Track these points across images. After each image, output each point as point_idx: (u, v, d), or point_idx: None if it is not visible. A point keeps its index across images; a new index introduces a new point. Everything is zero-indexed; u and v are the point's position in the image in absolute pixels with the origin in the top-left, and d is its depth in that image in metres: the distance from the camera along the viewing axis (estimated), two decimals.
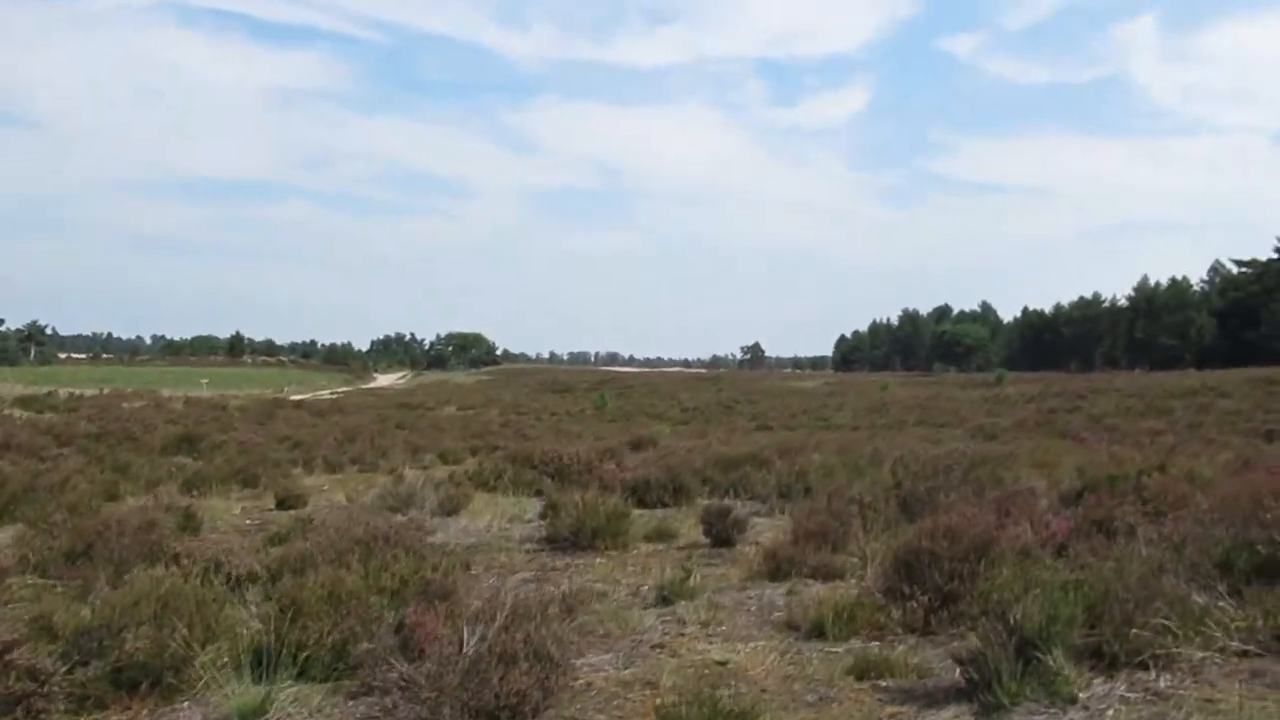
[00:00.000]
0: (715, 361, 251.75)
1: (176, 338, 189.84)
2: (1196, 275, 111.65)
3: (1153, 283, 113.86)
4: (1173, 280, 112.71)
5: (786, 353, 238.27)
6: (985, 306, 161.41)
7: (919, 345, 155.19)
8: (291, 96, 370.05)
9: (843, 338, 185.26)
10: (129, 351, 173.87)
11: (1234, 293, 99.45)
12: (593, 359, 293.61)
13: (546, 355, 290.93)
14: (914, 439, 22.91)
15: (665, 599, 6.66)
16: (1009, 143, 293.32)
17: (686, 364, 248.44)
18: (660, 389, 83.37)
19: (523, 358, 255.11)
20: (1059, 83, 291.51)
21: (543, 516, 9.96)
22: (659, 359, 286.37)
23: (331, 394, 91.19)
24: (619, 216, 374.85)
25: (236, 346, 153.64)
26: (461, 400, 76.24)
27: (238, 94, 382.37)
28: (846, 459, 13.55)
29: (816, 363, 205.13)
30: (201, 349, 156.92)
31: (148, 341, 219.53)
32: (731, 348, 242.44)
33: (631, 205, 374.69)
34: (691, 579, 6.90)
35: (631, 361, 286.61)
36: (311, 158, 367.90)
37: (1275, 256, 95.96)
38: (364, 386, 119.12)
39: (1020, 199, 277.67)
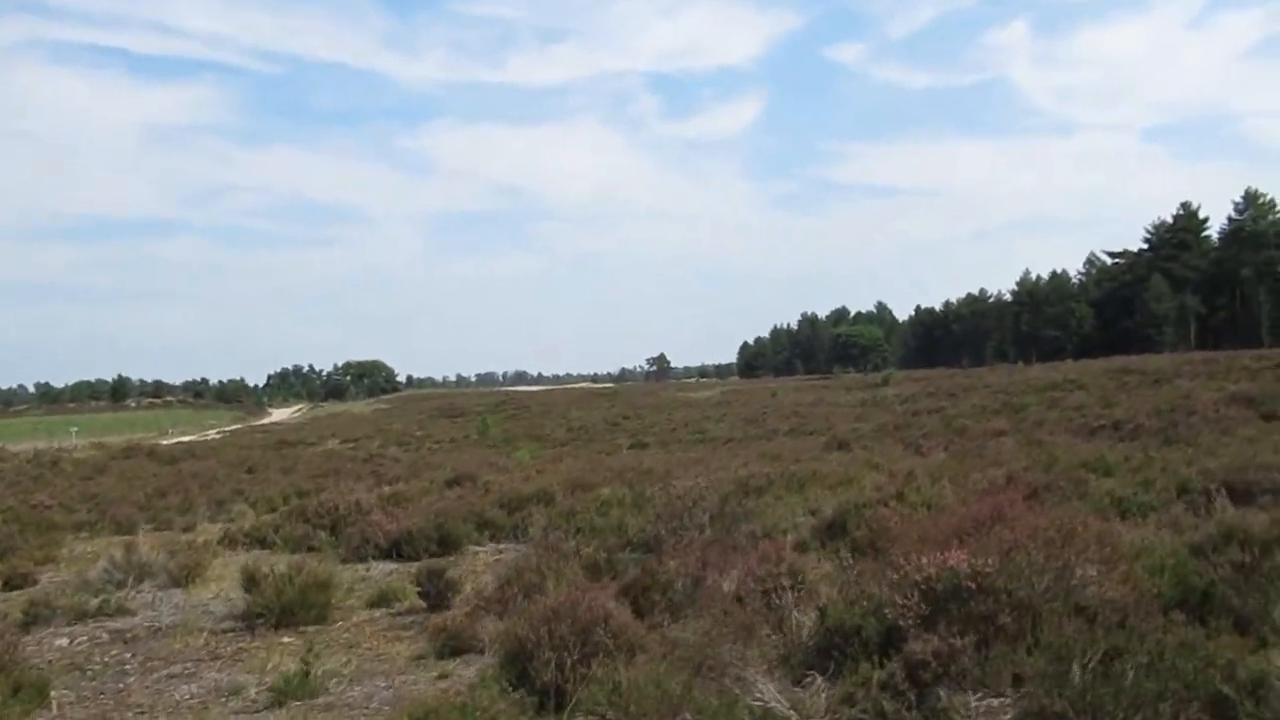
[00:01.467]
0: (623, 375, 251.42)
1: (61, 385, 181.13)
2: (1075, 268, 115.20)
3: (1034, 277, 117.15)
4: (1053, 274, 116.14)
5: (694, 361, 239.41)
6: (881, 307, 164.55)
7: (818, 348, 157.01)
8: (176, 131, 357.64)
9: (746, 344, 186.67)
10: (5, 402, 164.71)
11: (1109, 283, 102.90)
12: (500, 379, 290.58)
13: (454, 378, 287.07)
14: (754, 456, 22.47)
15: (280, 700, 5.76)
16: (900, 146, 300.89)
17: (594, 379, 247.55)
18: (554, 408, 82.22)
19: (428, 383, 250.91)
20: (943, 87, 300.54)
21: (246, 589, 8.95)
22: (567, 375, 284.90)
23: (218, 434, 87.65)
24: (521, 236, 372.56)
25: (120, 390, 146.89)
26: (349, 432, 73.79)
27: (119, 131, 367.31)
28: (637, 491, 12.81)
29: (722, 370, 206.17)
30: (82, 395, 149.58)
31: (30, 390, 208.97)
32: (639, 360, 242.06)
33: (533, 224, 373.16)
34: (313, 672, 5.99)
35: (539, 379, 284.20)
36: (200, 192, 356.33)
37: (1145, 248, 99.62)
38: (256, 423, 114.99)
39: (912, 201, 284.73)
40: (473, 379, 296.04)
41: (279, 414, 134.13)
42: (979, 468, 13.81)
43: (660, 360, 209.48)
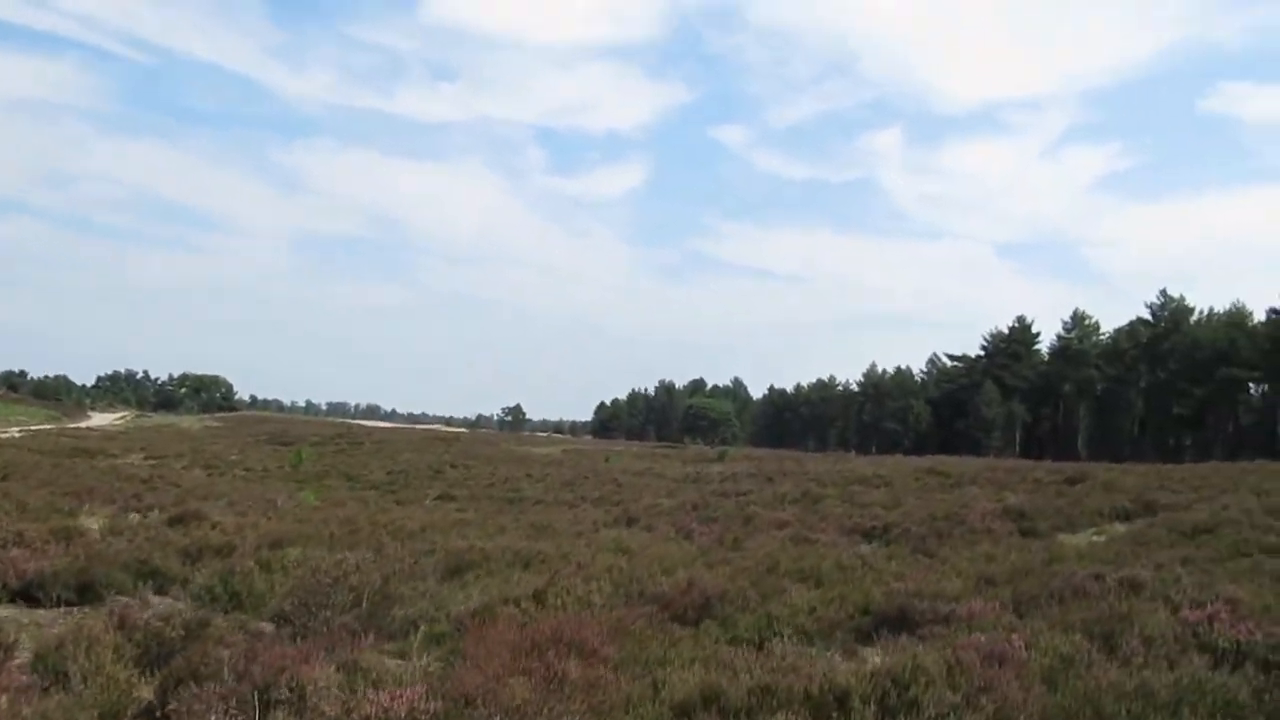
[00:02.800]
0: (479, 421, 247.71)
1: None
2: (919, 366, 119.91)
3: (880, 370, 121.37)
4: (897, 369, 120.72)
5: (554, 415, 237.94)
6: (737, 382, 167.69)
7: (672, 416, 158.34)
8: (32, 106, 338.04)
9: (603, 404, 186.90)
10: None
11: (946, 384, 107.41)
12: (352, 411, 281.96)
13: (302, 404, 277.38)
14: (526, 525, 21.73)
15: None
16: (774, 231, 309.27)
17: (449, 422, 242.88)
18: (389, 447, 79.57)
19: (274, 405, 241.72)
20: (818, 180, 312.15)
21: None
22: (423, 414, 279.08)
23: (19, 432, 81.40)
24: (392, 269, 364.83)
25: None
26: (161, 448, 69.49)
27: None
28: (335, 554, 11.77)
29: (578, 428, 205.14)
30: None
31: None
32: (496, 407, 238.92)
33: (406, 259, 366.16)
34: None
35: (393, 416, 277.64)
36: (48, 174, 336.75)
37: (981, 354, 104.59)
38: (70, 425, 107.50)
39: (782, 285, 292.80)
40: (324, 407, 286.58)
41: (100, 419, 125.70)
42: (705, 562, 13.36)
43: (516, 411, 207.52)
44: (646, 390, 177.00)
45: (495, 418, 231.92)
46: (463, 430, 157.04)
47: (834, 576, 11.76)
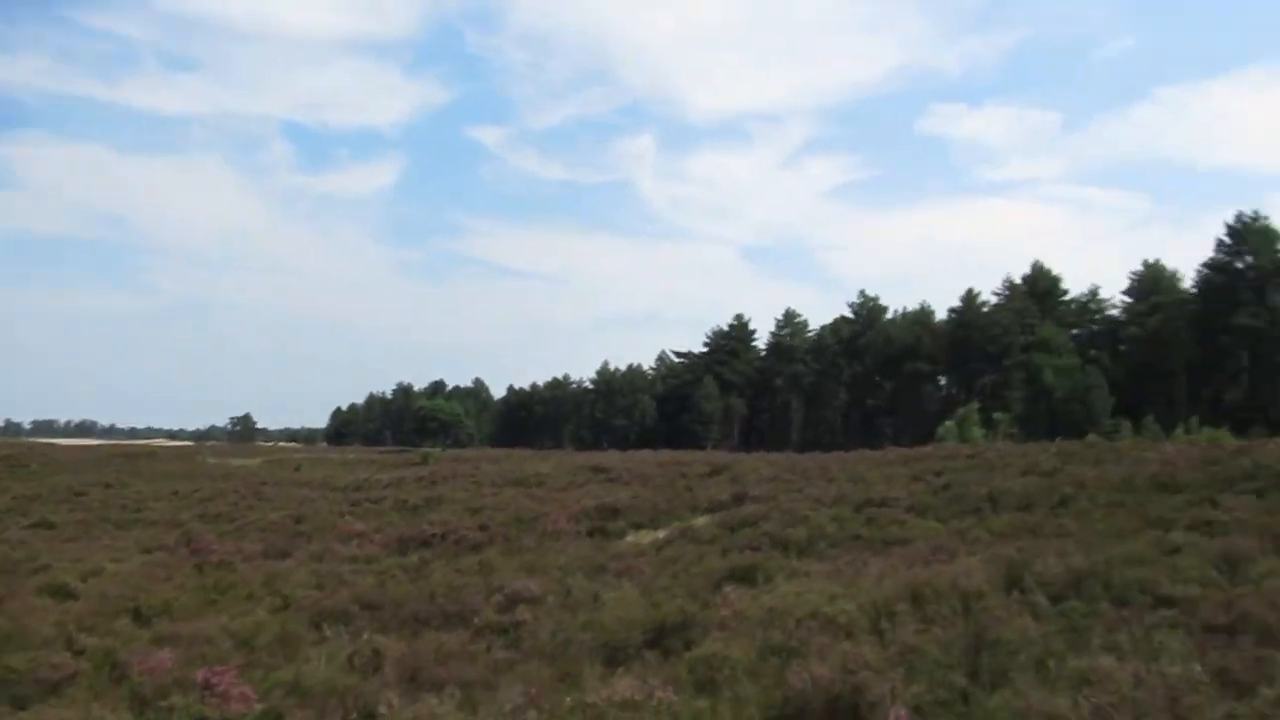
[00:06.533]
0: (210, 432, 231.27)
1: None
2: (650, 364, 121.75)
3: (612, 368, 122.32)
4: (630, 367, 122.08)
5: (294, 423, 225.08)
6: (479, 383, 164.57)
7: (409, 419, 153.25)
8: None
9: (339, 410, 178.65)
10: None
11: (672, 380, 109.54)
12: (61, 428, 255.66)
13: (1, 424, 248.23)
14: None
15: None
16: (528, 231, 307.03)
17: (175, 435, 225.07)
18: (56, 467, 70.96)
19: None
20: (575, 181, 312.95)
21: None
22: (147, 429, 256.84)
23: None
24: (119, 274, 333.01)
25: None
26: None
27: None
28: None
29: (315, 435, 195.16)
30: None
31: None
32: (227, 418, 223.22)
33: (135, 262, 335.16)
34: None
35: (112, 432, 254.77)
36: None
37: (704, 350, 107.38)
38: None
39: (534, 284, 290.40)
40: (27, 426, 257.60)
41: None
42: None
43: (245, 420, 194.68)
44: (384, 394, 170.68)
45: (226, 428, 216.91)
46: (186, 444, 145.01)
47: (187, 612, 9.68)
